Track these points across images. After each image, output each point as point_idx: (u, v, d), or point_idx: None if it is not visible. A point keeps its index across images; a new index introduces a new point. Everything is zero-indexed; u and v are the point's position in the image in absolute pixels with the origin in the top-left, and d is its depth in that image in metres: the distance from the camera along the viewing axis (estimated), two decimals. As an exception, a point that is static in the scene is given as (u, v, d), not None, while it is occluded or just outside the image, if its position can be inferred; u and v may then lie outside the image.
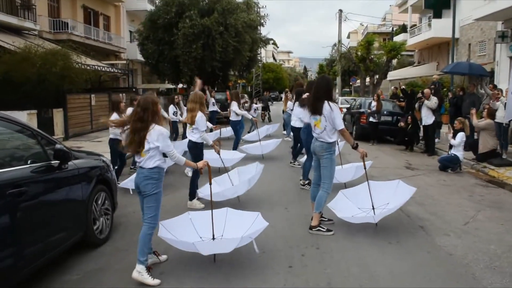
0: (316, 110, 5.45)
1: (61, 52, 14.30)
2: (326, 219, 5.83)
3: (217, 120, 17.85)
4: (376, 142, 14.61)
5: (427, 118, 12.36)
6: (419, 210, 6.61)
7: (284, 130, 16.56)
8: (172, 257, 4.64)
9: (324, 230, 5.47)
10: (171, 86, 32.39)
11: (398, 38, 36.33)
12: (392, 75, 34.14)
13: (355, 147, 5.54)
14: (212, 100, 17.31)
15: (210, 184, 4.66)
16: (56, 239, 4.18)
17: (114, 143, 7.89)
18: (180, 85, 29.05)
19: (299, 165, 10.19)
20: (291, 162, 10.47)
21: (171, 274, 4.29)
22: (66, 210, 4.48)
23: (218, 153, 7.15)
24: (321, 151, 5.49)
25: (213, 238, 4.58)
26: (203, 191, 6.72)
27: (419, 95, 13.40)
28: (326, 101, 5.37)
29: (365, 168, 6.00)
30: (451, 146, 10.19)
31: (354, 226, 5.57)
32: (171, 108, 12.53)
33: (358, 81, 31.94)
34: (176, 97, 13.29)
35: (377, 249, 4.95)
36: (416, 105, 12.92)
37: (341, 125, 5.34)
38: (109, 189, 5.45)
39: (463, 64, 15.88)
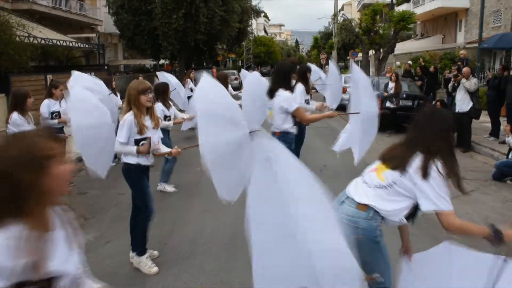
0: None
1: (-1, 21, 11.23)
2: None
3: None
4: (394, 131, 11.96)
5: (463, 103, 9.76)
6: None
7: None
8: None
9: None
10: (155, 62, 29.26)
11: (400, 10, 33.37)
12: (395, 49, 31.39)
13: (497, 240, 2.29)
14: (190, 83, 12.06)
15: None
16: None
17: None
18: (162, 61, 26.17)
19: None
20: None
21: None
22: None
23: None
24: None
25: None
26: None
27: (448, 73, 10.79)
28: None
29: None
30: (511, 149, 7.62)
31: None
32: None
33: (360, 54, 29.12)
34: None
35: None
36: (450, 86, 10.32)
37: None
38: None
39: (511, 36, 12.94)
